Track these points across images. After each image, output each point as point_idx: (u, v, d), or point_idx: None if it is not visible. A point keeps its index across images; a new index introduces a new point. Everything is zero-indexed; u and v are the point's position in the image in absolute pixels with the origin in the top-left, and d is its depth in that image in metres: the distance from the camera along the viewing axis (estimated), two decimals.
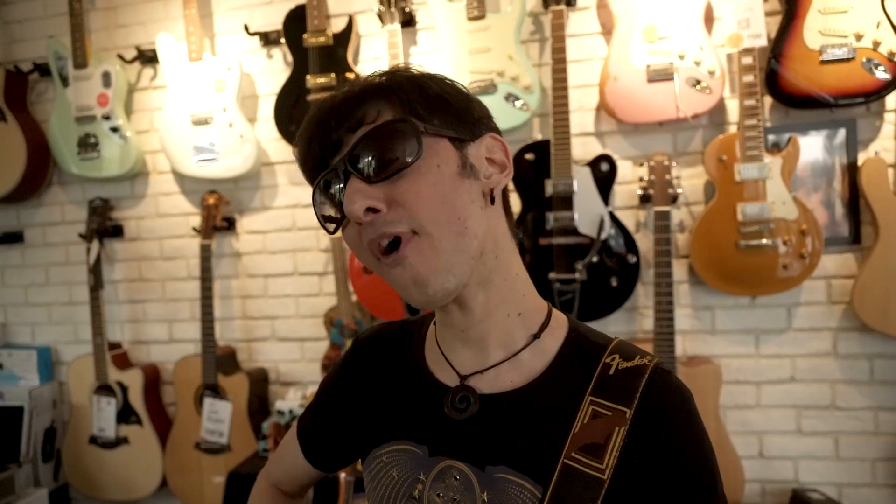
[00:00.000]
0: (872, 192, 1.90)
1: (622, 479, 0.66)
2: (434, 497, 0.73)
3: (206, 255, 2.32)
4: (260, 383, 2.40)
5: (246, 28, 2.32)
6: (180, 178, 2.47)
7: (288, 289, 2.41)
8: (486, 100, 0.97)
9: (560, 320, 0.77)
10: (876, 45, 1.82)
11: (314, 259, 2.38)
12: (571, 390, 0.71)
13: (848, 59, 1.84)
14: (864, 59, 1.83)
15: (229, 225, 2.41)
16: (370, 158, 0.65)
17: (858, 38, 1.83)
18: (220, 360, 2.34)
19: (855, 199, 1.98)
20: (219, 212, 2.34)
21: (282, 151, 2.37)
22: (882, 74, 1.82)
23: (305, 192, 2.37)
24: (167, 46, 2.33)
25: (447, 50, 2.10)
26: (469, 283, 0.70)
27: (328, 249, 2.35)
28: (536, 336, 0.74)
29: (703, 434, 0.70)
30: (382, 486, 0.78)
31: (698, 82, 1.94)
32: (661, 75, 1.94)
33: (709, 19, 2.01)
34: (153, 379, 2.49)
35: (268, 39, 2.34)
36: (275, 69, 2.37)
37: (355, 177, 0.66)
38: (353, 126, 0.67)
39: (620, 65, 1.98)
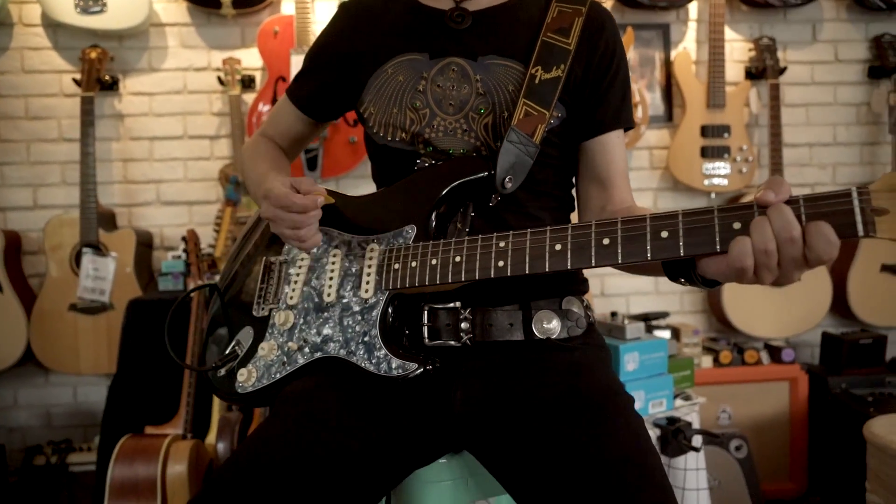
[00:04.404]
0: (682, 77, 2.47)
1: (579, 52, 0.97)
2: (435, 88, 0.98)
3: (87, 108, 2.23)
4: (143, 247, 2.35)
5: None
6: (53, 32, 2.35)
7: (176, 152, 2.41)
8: None
9: None
10: None
11: (206, 122, 2.41)
12: (541, 2, 1.01)
13: None
14: None
15: (113, 83, 2.34)
16: None
17: None
18: (100, 220, 2.26)
19: (669, 87, 2.56)
20: (102, 66, 2.27)
21: (175, 13, 2.38)
22: None
23: (198, 55, 2.39)
24: None
25: None
26: None
27: (222, 112, 2.40)
28: None
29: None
30: (389, 89, 1.00)
31: None
32: None
33: None
34: (13, 245, 2.31)
35: None
36: None
37: None
38: None
39: None
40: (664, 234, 0.71)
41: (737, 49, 2.56)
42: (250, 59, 2.39)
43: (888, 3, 2.50)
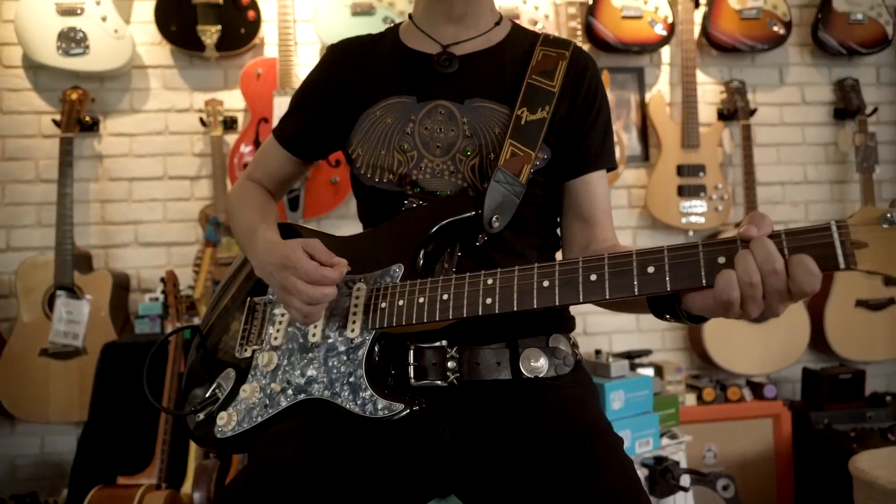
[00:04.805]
0: (657, 118, 2.54)
1: (563, 94, 0.99)
2: (423, 130, 0.99)
3: (66, 149, 2.21)
4: (119, 289, 2.30)
5: None
6: (34, 73, 2.34)
7: (156, 193, 2.39)
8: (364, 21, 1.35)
9: (504, 19, 1.08)
10: (657, 9, 2.49)
11: (187, 163, 2.40)
12: (526, 46, 1.04)
13: (638, 17, 2.48)
14: (649, 19, 2.49)
15: (93, 124, 2.33)
16: None
17: (646, 1, 2.48)
18: (75, 262, 2.21)
19: (645, 128, 2.63)
20: (83, 107, 2.26)
21: (157, 55, 2.39)
22: (660, 31, 2.49)
23: (180, 97, 2.40)
24: None
25: None
26: None
27: (203, 153, 2.40)
28: (498, 23, 1.06)
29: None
30: (378, 131, 1.01)
31: (535, 23, 2.44)
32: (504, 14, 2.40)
33: None
34: None
35: None
36: None
37: None
38: None
39: None
40: (651, 269, 0.72)
41: (709, 91, 2.65)
42: (233, 101, 2.40)
43: (848, 49, 2.61)
